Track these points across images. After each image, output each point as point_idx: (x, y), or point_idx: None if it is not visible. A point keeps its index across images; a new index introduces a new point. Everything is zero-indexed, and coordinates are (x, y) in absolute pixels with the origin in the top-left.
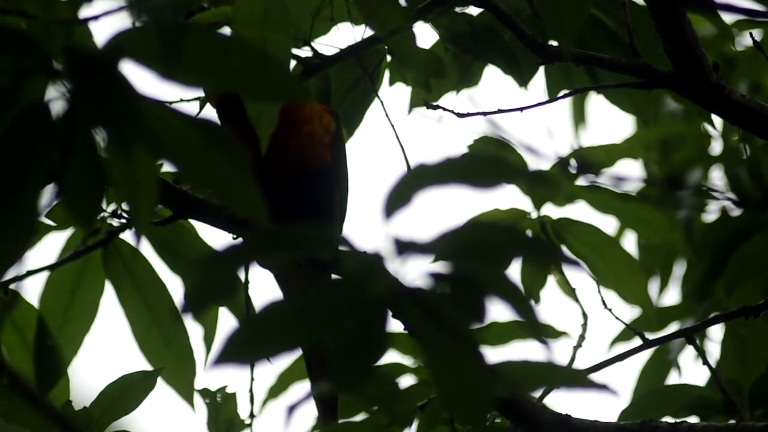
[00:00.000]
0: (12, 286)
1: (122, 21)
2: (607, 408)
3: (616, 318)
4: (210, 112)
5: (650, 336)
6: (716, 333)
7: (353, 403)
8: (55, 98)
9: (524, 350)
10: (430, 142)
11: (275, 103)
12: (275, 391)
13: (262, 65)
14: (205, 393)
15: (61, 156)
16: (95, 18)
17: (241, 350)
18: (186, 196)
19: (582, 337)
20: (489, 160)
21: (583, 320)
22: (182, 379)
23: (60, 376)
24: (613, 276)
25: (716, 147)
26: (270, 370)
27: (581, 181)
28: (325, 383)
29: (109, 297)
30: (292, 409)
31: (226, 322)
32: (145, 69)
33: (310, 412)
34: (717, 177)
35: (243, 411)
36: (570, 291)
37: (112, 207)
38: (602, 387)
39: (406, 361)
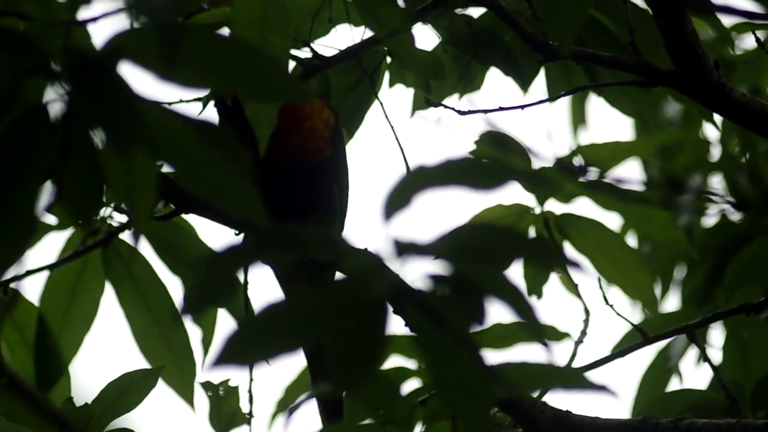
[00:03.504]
0: (12, 286)
1: (120, 22)
2: (608, 408)
3: (618, 314)
4: (209, 113)
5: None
6: (717, 339)
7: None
8: (54, 100)
9: (527, 353)
10: (430, 145)
11: (274, 104)
12: (284, 404)
13: (261, 66)
14: (207, 386)
15: (59, 157)
16: (94, 20)
17: (241, 351)
18: (189, 192)
19: (584, 333)
20: (489, 162)
21: (585, 316)
22: (182, 378)
23: (60, 374)
24: (617, 272)
25: (715, 153)
26: (269, 373)
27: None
28: (327, 384)
29: (109, 297)
30: (293, 410)
31: (225, 324)
32: (144, 70)
33: (315, 418)
34: (716, 182)
35: (245, 405)
36: (572, 287)
37: (112, 205)
38: (601, 387)
39: (410, 364)
